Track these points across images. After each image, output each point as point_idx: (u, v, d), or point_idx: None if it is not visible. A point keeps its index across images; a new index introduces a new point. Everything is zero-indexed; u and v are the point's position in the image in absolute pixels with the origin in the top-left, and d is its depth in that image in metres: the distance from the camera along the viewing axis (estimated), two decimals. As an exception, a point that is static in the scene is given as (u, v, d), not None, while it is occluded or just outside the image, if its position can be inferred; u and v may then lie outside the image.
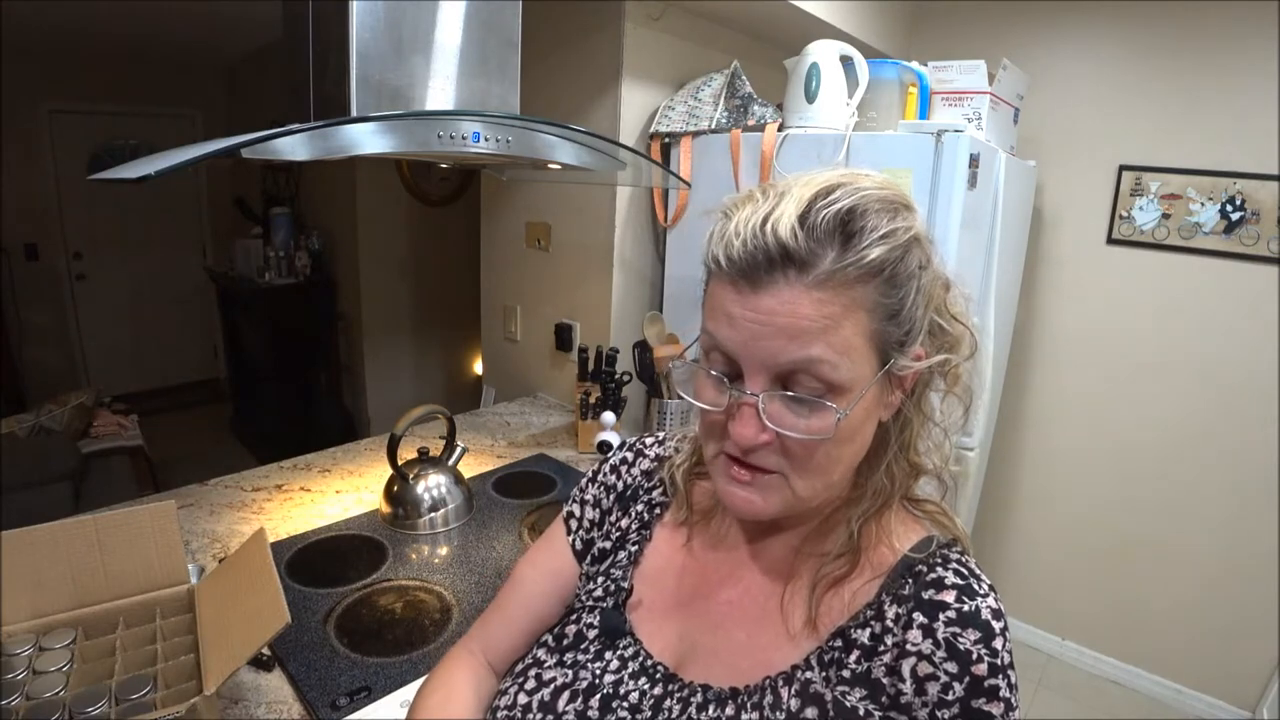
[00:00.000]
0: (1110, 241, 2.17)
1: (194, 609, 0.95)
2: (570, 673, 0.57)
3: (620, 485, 0.68)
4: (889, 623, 0.49)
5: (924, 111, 1.72)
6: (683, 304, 1.91)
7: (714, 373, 0.50)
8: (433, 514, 1.36)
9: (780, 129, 1.67)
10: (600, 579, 0.62)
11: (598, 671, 0.56)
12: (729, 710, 0.51)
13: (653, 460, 0.69)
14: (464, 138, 1.02)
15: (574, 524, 0.69)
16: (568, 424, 1.94)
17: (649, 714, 0.53)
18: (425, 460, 1.41)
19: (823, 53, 1.64)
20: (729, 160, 1.73)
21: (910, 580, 0.50)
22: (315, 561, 1.23)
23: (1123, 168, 2.11)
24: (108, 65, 3.80)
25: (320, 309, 3.56)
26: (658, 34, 1.81)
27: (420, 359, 3.67)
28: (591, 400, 1.73)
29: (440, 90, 1.10)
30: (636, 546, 0.62)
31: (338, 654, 1.00)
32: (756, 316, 0.46)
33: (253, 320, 3.71)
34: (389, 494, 1.38)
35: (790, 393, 0.47)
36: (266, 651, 0.96)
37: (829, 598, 0.53)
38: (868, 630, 0.50)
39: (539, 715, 0.55)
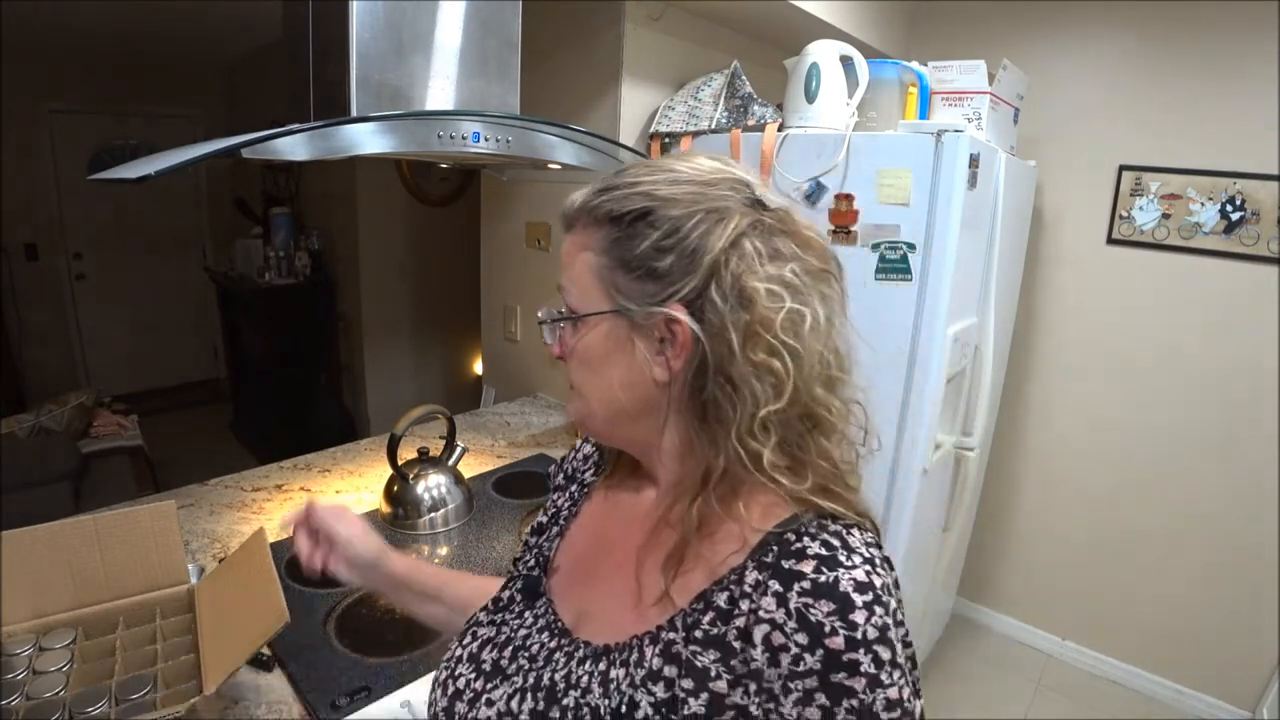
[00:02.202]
0: (1110, 241, 2.17)
1: (194, 609, 0.95)
2: (496, 629, 0.65)
3: (570, 468, 0.77)
4: (747, 588, 0.50)
5: (924, 111, 1.72)
6: (683, 304, 1.91)
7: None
8: (433, 514, 1.36)
9: (780, 129, 1.67)
10: (535, 550, 0.71)
11: (516, 627, 0.64)
12: (601, 665, 0.56)
13: (594, 445, 0.76)
14: (464, 138, 1.02)
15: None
16: (568, 424, 1.94)
17: (541, 664, 0.60)
18: (425, 460, 1.41)
19: (823, 53, 1.64)
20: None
21: (776, 548, 0.51)
22: (315, 561, 1.23)
23: (1123, 168, 2.11)
24: (108, 65, 3.80)
25: (320, 309, 3.55)
26: (658, 34, 1.81)
27: (420, 359, 3.67)
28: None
29: (440, 90, 1.10)
30: (565, 521, 0.70)
31: (338, 654, 1.00)
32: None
33: (253, 320, 3.71)
34: (389, 494, 1.38)
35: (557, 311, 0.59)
36: (266, 651, 0.96)
37: (698, 563, 0.55)
38: (726, 594, 0.51)
39: (466, 664, 0.64)
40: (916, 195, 1.50)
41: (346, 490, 1.51)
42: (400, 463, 1.37)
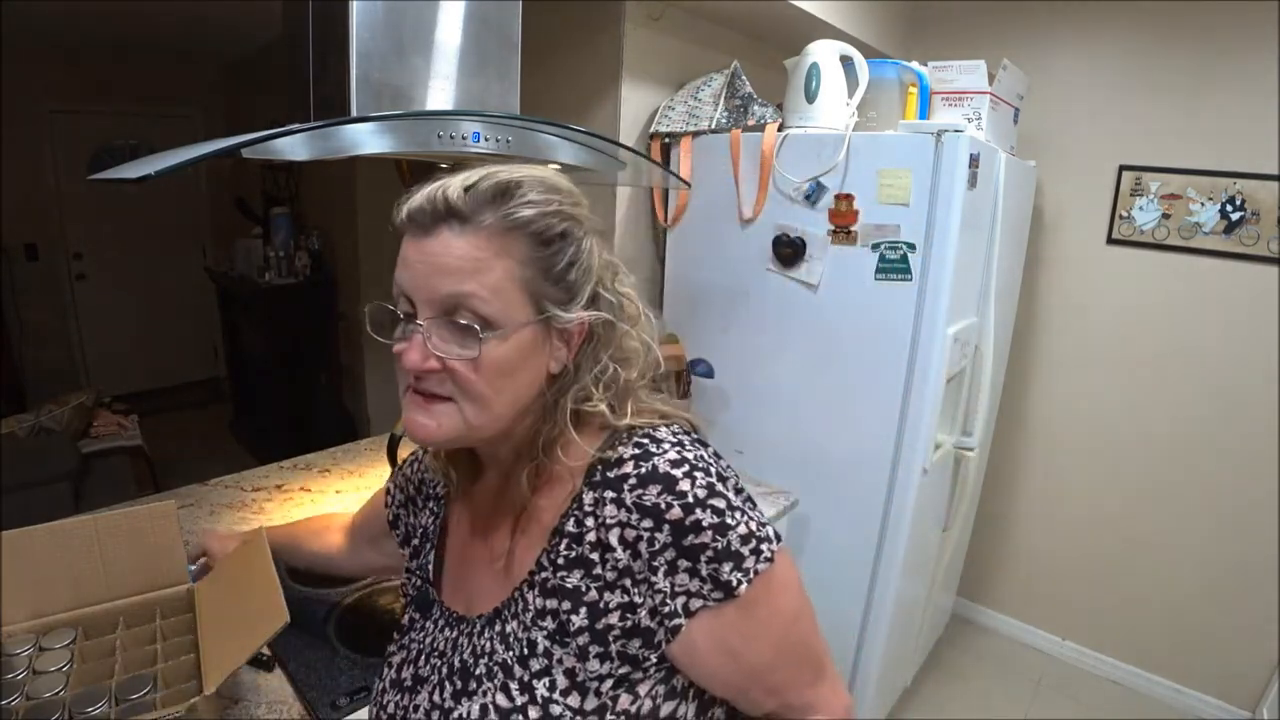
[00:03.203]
0: (1110, 241, 2.17)
1: (194, 609, 0.95)
2: (406, 650, 0.70)
3: (416, 479, 0.81)
4: (588, 507, 0.58)
5: (924, 111, 1.71)
6: (683, 303, 1.91)
7: (398, 312, 0.59)
8: (433, 514, 1.35)
9: (780, 129, 1.67)
10: (417, 574, 0.75)
11: (421, 639, 0.69)
12: (496, 627, 0.61)
13: (431, 454, 0.78)
14: (464, 138, 1.02)
15: (388, 498, 0.85)
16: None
17: (449, 653, 0.64)
18: (425, 460, 1.41)
19: (823, 53, 1.64)
20: (729, 160, 1.73)
21: (600, 466, 0.59)
22: (315, 561, 1.23)
23: (1123, 168, 2.11)
24: (108, 65, 3.80)
25: (320, 309, 3.55)
26: (658, 34, 1.81)
27: (420, 359, 3.66)
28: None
29: (440, 90, 1.10)
30: (435, 538, 0.74)
31: (338, 654, 1.00)
32: (423, 258, 0.56)
33: (253, 320, 3.70)
34: (389, 494, 1.37)
35: (451, 321, 0.56)
36: (266, 651, 0.96)
37: (549, 508, 0.61)
38: (572, 519, 0.58)
39: (391, 692, 0.68)
40: (916, 195, 1.49)
41: (346, 490, 1.51)
42: (400, 463, 1.37)
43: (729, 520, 0.54)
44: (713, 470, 0.57)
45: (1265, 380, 1.98)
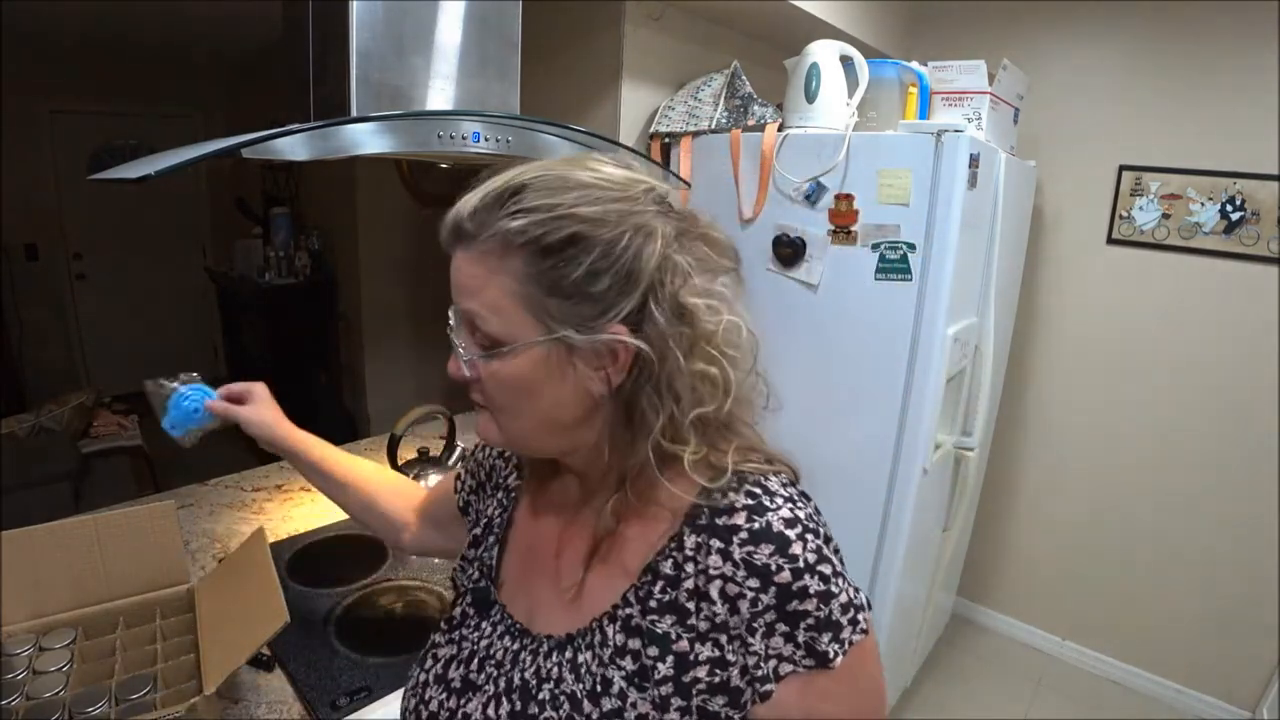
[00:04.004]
0: (1110, 241, 2.17)
1: (194, 609, 0.95)
2: (457, 646, 0.65)
3: (487, 465, 0.77)
4: (689, 552, 0.54)
5: (924, 111, 1.72)
6: (683, 304, 1.91)
7: (451, 320, 0.58)
8: (433, 514, 1.35)
9: (780, 129, 1.67)
10: (475, 564, 0.70)
11: (476, 640, 0.65)
12: (567, 654, 0.58)
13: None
14: (464, 138, 1.02)
15: (459, 484, 0.81)
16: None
17: (509, 667, 0.61)
18: (425, 460, 1.41)
19: (823, 53, 1.64)
20: (729, 160, 1.73)
21: (707, 510, 0.55)
22: (315, 561, 1.23)
23: (1123, 168, 2.11)
24: (108, 65, 3.79)
25: (320, 309, 3.55)
26: (658, 34, 1.81)
27: (420, 359, 3.66)
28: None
29: (440, 90, 1.10)
30: (500, 530, 0.70)
31: (338, 654, 1.00)
32: (451, 275, 0.56)
33: (253, 320, 3.70)
34: (389, 494, 1.37)
35: (470, 336, 0.56)
36: (266, 651, 0.96)
37: (629, 543, 0.58)
38: (670, 561, 0.55)
39: (435, 687, 0.64)
40: (916, 195, 1.50)
41: (346, 490, 1.51)
42: (400, 463, 1.37)
43: (833, 588, 0.52)
44: (821, 532, 0.54)
45: (1265, 380, 1.98)
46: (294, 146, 0.84)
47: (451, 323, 0.58)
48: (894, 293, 1.56)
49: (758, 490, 0.55)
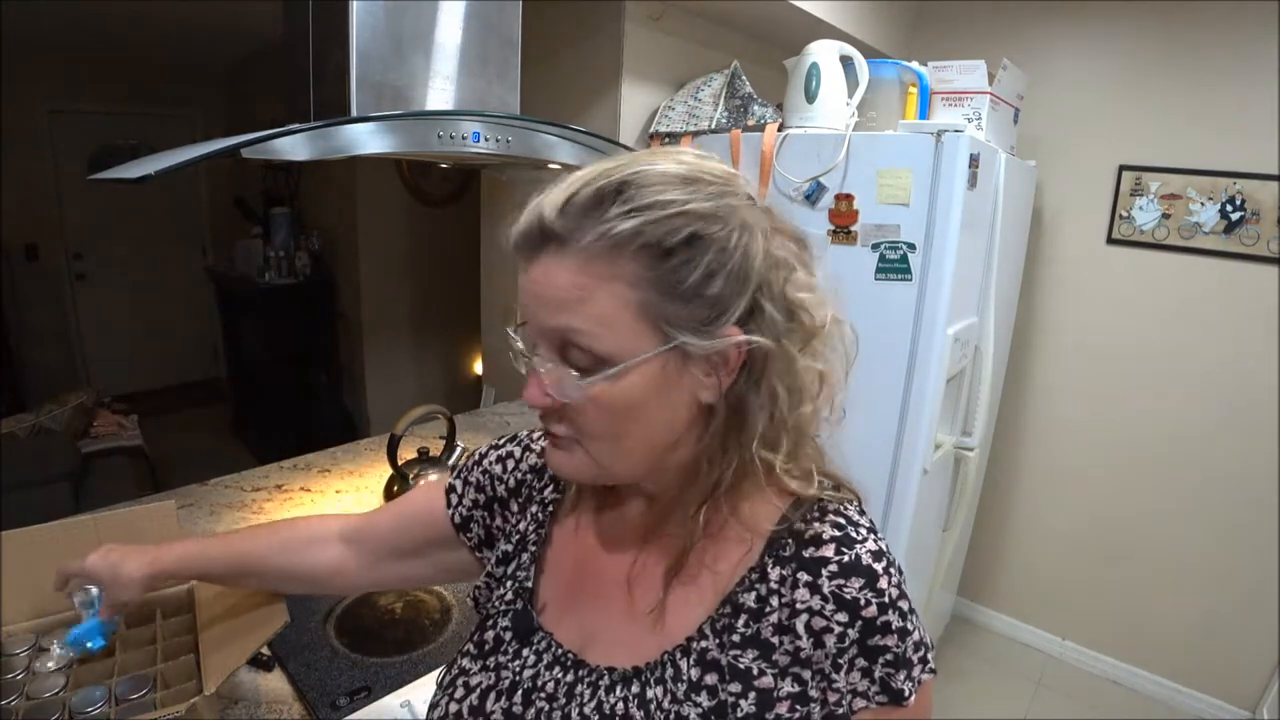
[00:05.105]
0: (1110, 241, 2.17)
1: (194, 609, 0.95)
2: (493, 675, 0.59)
3: (511, 480, 0.70)
4: (774, 584, 0.52)
5: (924, 111, 1.72)
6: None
7: (517, 341, 0.54)
8: (433, 514, 1.35)
9: (780, 129, 1.67)
10: (509, 582, 0.64)
11: (517, 669, 0.59)
12: (634, 688, 0.54)
13: (539, 455, 0.69)
14: (464, 138, 1.02)
15: (454, 498, 0.72)
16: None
17: (564, 701, 0.56)
18: (425, 460, 1.41)
19: (823, 53, 1.64)
20: (729, 161, 1.73)
21: (790, 540, 0.53)
22: (315, 561, 1.23)
23: (1123, 168, 2.11)
24: (108, 65, 3.80)
25: (320, 309, 3.55)
26: (658, 34, 1.81)
27: (420, 359, 3.67)
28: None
29: (440, 90, 1.10)
30: (536, 547, 0.64)
31: (338, 654, 1.00)
32: (530, 288, 0.50)
33: (253, 320, 3.70)
34: (389, 494, 1.38)
35: (564, 359, 0.49)
36: (266, 651, 0.96)
37: (704, 569, 0.55)
38: (753, 593, 0.53)
39: (470, 719, 0.57)
40: (916, 195, 1.50)
41: (346, 490, 1.51)
42: (400, 463, 1.37)
43: (909, 625, 0.51)
44: (897, 564, 0.53)
45: (1265, 380, 1.98)
46: (294, 146, 0.84)
47: (519, 345, 0.53)
48: (894, 293, 1.56)
49: (842, 521, 0.53)
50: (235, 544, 0.81)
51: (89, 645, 0.79)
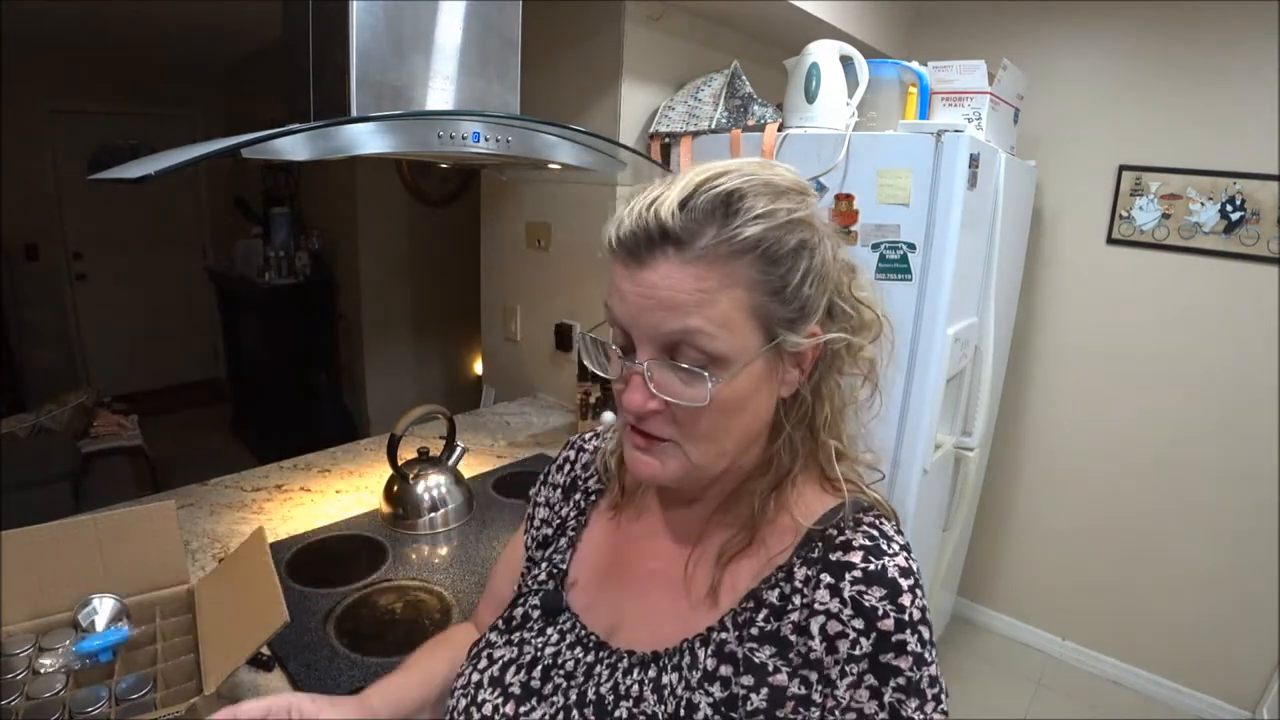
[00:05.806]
0: (1110, 241, 2.17)
1: (194, 609, 0.95)
2: (516, 649, 0.62)
3: (565, 481, 0.73)
4: (798, 584, 0.53)
5: (924, 111, 1.72)
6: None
7: (611, 345, 0.54)
8: (433, 514, 1.36)
9: (780, 129, 1.67)
10: (544, 564, 0.67)
11: (539, 645, 0.61)
12: (651, 673, 0.55)
13: (590, 454, 0.74)
14: (464, 138, 1.02)
15: (529, 524, 0.75)
16: (568, 424, 1.94)
17: (581, 679, 0.57)
18: (425, 460, 1.41)
19: (823, 53, 1.64)
20: (729, 160, 1.73)
21: (820, 544, 0.54)
22: (315, 561, 1.23)
23: (1123, 168, 2.11)
24: (108, 65, 3.80)
25: (320, 309, 3.55)
26: (658, 34, 1.81)
27: (420, 359, 3.67)
28: (592, 400, 1.73)
29: (440, 90, 1.10)
30: (575, 532, 0.67)
31: (338, 654, 0.99)
32: (641, 291, 0.50)
33: (253, 320, 3.71)
34: (389, 494, 1.38)
35: (675, 362, 0.50)
36: (266, 651, 0.96)
37: (742, 563, 0.56)
38: (777, 591, 0.54)
39: (489, 689, 0.60)
40: (916, 195, 1.49)
41: (346, 490, 1.51)
42: (400, 463, 1.37)
43: (927, 655, 0.50)
44: (923, 589, 0.52)
45: (1265, 380, 1.98)
46: (294, 146, 0.84)
47: (616, 347, 0.53)
48: (894, 293, 1.56)
49: (875, 533, 0.54)
50: (404, 687, 0.71)
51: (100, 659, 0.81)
